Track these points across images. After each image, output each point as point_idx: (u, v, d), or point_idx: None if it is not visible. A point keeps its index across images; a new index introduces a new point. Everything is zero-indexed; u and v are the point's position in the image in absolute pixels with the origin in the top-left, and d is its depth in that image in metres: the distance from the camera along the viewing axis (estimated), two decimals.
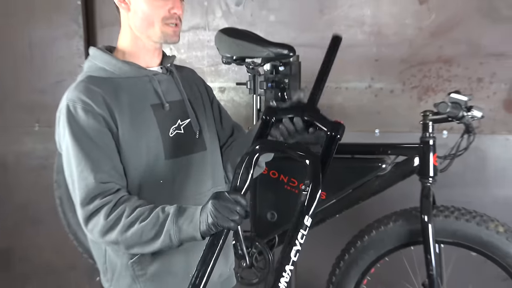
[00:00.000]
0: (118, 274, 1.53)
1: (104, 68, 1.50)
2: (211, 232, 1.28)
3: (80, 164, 1.37)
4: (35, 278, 3.30)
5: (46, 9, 3.06)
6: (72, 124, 1.39)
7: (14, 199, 3.24)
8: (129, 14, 1.50)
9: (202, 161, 1.60)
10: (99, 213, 1.36)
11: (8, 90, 3.18)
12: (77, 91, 1.42)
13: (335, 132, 1.49)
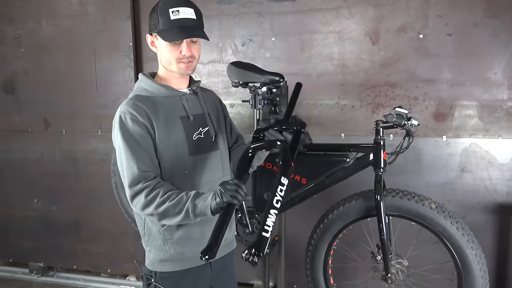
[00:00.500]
0: (153, 238, 1.54)
1: (147, 89, 1.53)
2: (219, 207, 1.31)
3: (127, 157, 1.40)
4: (97, 241, 3.27)
5: (108, 48, 3.03)
6: (123, 129, 1.42)
7: (82, 184, 3.20)
8: (159, 54, 1.53)
9: (215, 158, 1.60)
10: (142, 193, 1.39)
11: (79, 105, 3.14)
12: (127, 106, 1.45)
13: (300, 126, 1.63)
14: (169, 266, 1.54)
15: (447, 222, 1.91)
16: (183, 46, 1.46)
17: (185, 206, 1.35)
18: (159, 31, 1.45)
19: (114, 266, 3.28)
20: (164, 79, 1.56)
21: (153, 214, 1.39)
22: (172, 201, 1.37)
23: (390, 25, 2.53)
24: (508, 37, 2.36)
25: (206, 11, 2.82)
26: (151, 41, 1.53)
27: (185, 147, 1.51)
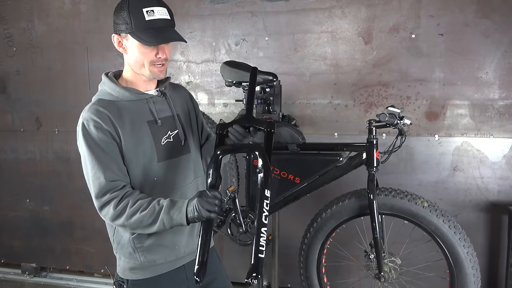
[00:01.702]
0: (122, 245, 1.48)
1: (110, 93, 1.42)
2: (197, 221, 1.28)
3: (94, 167, 1.33)
4: (90, 240, 3.24)
5: (101, 48, 3.01)
6: (87, 137, 1.35)
7: (75, 184, 3.17)
8: (127, 56, 1.41)
9: (187, 161, 1.53)
10: (110, 204, 1.33)
11: (72, 105, 3.11)
12: (90, 112, 1.36)
13: (270, 128, 1.50)
14: (139, 274, 1.48)
15: (439, 221, 1.91)
16: (159, 49, 1.37)
17: (159, 217, 1.30)
18: (133, 33, 1.32)
19: (107, 266, 3.25)
20: (130, 82, 1.45)
21: (125, 225, 1.34)
22: (144, 211, 1.31)
23: (383, 25, 2.53)
24: (499, 37, 2.38)
25: (200, 11, 2.81)
26: (118, 42, 1.39)
27: (154, 153, 1.43)
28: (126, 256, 1.48)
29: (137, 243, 1.45)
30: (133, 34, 1.32)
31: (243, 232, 2.18)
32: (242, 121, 1.52)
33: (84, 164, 1.37)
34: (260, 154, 1.35)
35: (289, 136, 2.07)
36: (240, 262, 2.95)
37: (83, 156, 1.37)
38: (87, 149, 1.34)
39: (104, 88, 1.44)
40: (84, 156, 1.37)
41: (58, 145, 3.19)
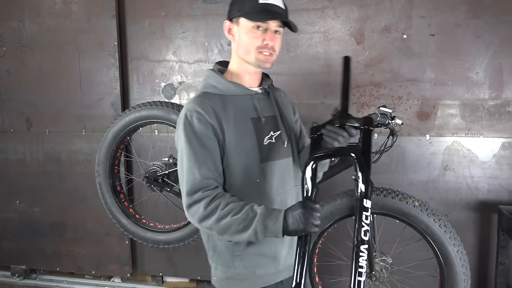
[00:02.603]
0: (218, 253, 1.43)
1: (215, 86, 1.40)
2: (296, 235, 1.20)
3: (190, 161, 1.29)
4: (81, 242, 3.23)
5: (92, 48, 3.01)
6: (188, 129, 1.31)
7: (66, 184, 3.16)
8: (235, 44, 1.41)
9: (287, 166, 1.47)
10: (200, 203, 1.27)
11: (63, 105, 3.10)
12: (194, 104, 1.34)
13: (367, 125, 1.37)
14: (238, 285, 1.41)
15: (430, 220, 1.93)
16: (267, 35, 1.34)
17: (252, 225, 1.22)
18: (244, 14, 1.32)
19: (98, 268, 3.24)
20: (236, 75, 1.43)
21: (212, 227, 1.27)
22: (235, 215, 1.24)
23: (375, 26, 2.56)
24: (489, 38, 2.41)
25: (192, 11, 2.82)
26: (228, 28, 1.41)
27: (256, 152, 1.36)
28: (223, 264, 1.42)
29: (236, 250, 1.38)
30: (245, 15, 1.33)
31: None
32: (335, 120, 1.41)
33: (180, 157, 1.33)
34: (357, 158, 1.23)
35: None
36: None
37: (180, 148, 1.33)
38: (186, 141, 1.30)
39: (209, 82, 1.42)
40: (181, 148, 1.32)
41: (48, 145, 3.17)
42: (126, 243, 3.11)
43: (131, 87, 3.02)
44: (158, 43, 2.91)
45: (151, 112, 2.27)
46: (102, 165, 2.41)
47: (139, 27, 2.93)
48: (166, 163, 2.31)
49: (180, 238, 2.35)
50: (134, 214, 2.50)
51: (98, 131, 3.00)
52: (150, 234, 2.41)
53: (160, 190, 2.28)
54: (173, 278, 3.19)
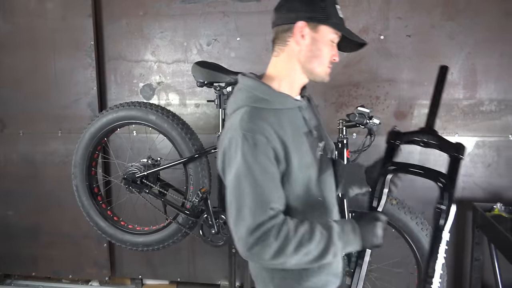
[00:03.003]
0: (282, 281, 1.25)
1: (266, 99, 1.18)
2: (372, 249, 1.16)
3: (253, 190, 1.09)
4: (57, 245, 3.16)
5: (68, 47, 2.94)
6: (247, 153, 1.09)
7: (41, 187, 3.09)
8: (300, 48, 1.21)
9: (331, 176, 1.35)
10: (268, 236, 1.07)
11: (38, 105, 3.03)
12: (251, 124, 1.12)
13: (458, 153, 1.26)
14: None
15: (407, 218, 1.97)
16: (336, 50, 1.25)
17: (331, 245, 1.09)
18: (331, 23, 1.19)
19: (76, 272, 3.18)
20: (285, 84, 1.24)
21: (286, 262, 1.09)
22: (310, 240, 1.08)
23: (353, 26, 2.58)
24: (463, 39, 2.47)
25: (170, 10, 2.79)
26: (301, 29, 1.19)
27: (314, 169, 1.22)
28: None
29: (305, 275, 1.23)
30: (332, 24, 1.20)
31: (215, 233, 2.18)
32: (421, 134, 1.32)
33: (235, 184, 1.11)
34: (447, 188, 1.15)
35: None
36: (212, 263, 2.94)
37: (236, 174, 1.11)
38: (246, 167, 1.09)
39: (255, 94, 1.19)
40: (238, 175, 1.10)
41: (23, 147, 3.09)
42: (104, 246, 3.06)
43: (108, 87, 2.97)
44: (136, 43, 2.88)
45: (129, 113, 2.25)
46: (79, 167, 2.37)
47: (116, 27, 2.89)
48: (145, 164, 2.29)
49: (160, 240, 2.33)
50: (112, 216, 2.47)
51: (74, 132, 2.95)
52: (128, 236, 2.39)
53: (139, 192, 2.26)
54: (153, 280, 3.15)
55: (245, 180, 1.09)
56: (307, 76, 1.27)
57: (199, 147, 2.23)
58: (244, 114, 1.15)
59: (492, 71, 2.48)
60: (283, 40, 1.24)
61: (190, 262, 3.01)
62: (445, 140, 1.28)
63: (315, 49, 1.21)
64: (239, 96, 1.23)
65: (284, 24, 1.22)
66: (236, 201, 1.11)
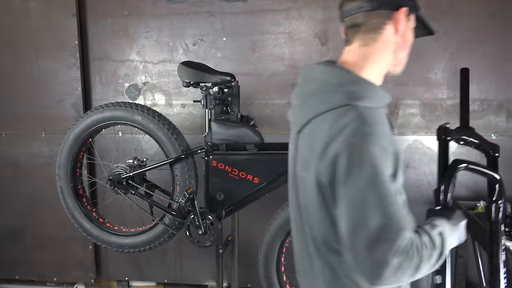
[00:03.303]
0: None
1: (369, 97, 1.02)
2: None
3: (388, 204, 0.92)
4: (41, 248, 3.11)
5: (52, 47, 2.90)
6: (378, 163, 0.92)
7: (25, 189, 3.04)
8: (397, 36, 1.09)
9: None
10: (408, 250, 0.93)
11: (22, 106, 2.98)
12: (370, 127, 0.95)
13: (494, 151, 1.37)
14: None
15: None
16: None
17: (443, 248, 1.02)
18: (419, 13, 1.11)
19: (60, 274, 3.14)
20: (378, 77, 1.12)
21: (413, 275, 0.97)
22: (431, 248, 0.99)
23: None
24: (446, 40, 2.51)
25: (156, 10, 2.78)
26: (400, 19, 1.07)
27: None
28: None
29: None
30: (421, 15, 1.12)
31: (202, 234, 2.17)
32: (463, 132, 1.39)
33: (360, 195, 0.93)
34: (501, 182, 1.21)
35: (247, 137, 2.08)
36: (199, 264, 2.93)
37: (366, 184, 0.92)
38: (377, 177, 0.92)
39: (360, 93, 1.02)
40: (367, 185, 0.92)
41: (5, 149, 3.04)
42: (89, 248, 3.03)
43: (93, 87, 2.94)
44: (121, 43, 2.85)
45: (114, 113, 2.22)
46: (63, 168, 2.34)
47: (100, 26, 2.86)
48: (131, 165, 2.27)
49: (146, 241, 2.31)
50: (98, 218, 2.44)
51: (58, 133, 2.91)
52: (114, 238, 2.36)
53: (125, 193, 2.23)
54: (140, 282, 3.13)
55: (377, 189, 0.92)
56: (389, 67, 1.14)
57: (185, 147, 2.22)
58: (356, 118, 0.96)
59: (474, 71, 2.51)
60: (376, 27, 1.07)
61: (177, 263, 2.99)
62: (483, 139, 1.34)
63: (407, 39, 1.12)
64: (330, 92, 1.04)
65: (383, 9, 1.06)
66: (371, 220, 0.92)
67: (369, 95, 1.02)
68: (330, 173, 0.98)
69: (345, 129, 0.96)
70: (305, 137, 1.10)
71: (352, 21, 1.11)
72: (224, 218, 2.22)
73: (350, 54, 1.13)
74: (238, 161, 2.13)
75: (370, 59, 1.10)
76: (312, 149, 1.03)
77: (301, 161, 1.11)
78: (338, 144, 0.96)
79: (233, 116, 2.29)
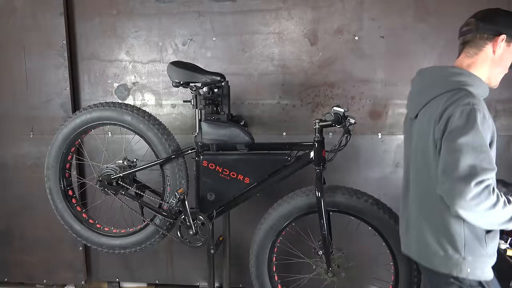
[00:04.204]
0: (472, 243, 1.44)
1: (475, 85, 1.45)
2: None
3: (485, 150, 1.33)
4: (31, 250, 3.07)
5: (39, 47, 2.86)
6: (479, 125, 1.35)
7: (12, 191, 2.99)
8: (494, 55, 1.49)
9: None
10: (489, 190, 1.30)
11: (9, 106, 2.93)
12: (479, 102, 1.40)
13: None
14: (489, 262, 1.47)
15: (385, 216, 2.00)
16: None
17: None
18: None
19: (50, 276, 3.10)
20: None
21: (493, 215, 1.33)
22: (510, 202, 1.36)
23: (328, 27, 2.61)
24: (434, 40, 2.53)
25: (145, 9, 2.75)
26: (500, 41, 1.47)
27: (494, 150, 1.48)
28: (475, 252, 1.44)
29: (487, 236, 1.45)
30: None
31: (193, 234, 2.16)
32: None
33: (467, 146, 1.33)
34: None
35: (237, 137, 2.08)
36: (191, 264, 2.92)
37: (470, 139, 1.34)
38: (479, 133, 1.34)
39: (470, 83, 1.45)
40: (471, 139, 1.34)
41: None
42: (79, 250, 3.00)
43: (82, 87, 2.91)
44: (110, 42, 2.82)
45: (103, 114, 2.20)
46: (52, 169, 2.32)
47: (89, 26, 2.82)
48: (121, 166, 2.25)
49: (137, 242, 2.30)
50: (88, 219, 2.42)
51: (47, 133, 2.87)
52: (105, 239, 2.34)
53: (115, 194, 2.22)
54: (131, 283, 3.10)
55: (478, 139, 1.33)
56: (485, 78, 1.51)
57: (175, 147, 2.21)
58: (467, 95, 1.40)
59: None
60: (478, 45, 1.51)
61: (168, 264, 2.98)
62: None
63: (504, 59, 1.50)
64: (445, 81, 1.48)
65: (486, 33, 1.49)
66: (466, 155, 1.32)
67: (475, 84, 1.45)
68: (443, 130, 1.40)
69: (458, 101, 1.39)
70: (422, 117, 1.53)
71: (463, 39, 1.55)
72: (215, 218, 2.21)
73: (457, 62, 1.57)
74: (228, 161, 2.12)
75: (470, 68, 1.52)
76: (430, 120, 1.46)
77: (417, 135, 1.56)
78: (452, 109, 1.38)
79: (223, 116, 2.28)
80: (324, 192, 2.01)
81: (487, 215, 1.32)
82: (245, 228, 2.53)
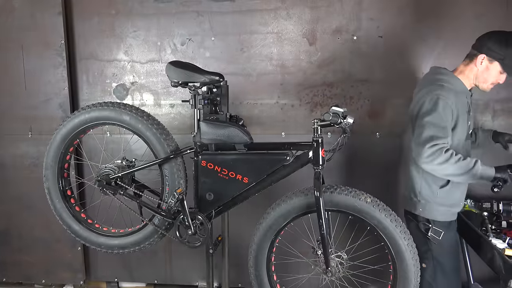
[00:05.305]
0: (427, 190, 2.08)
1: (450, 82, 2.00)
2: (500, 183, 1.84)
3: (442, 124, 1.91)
4: (29, 250, 3.07)
5: (37, 46, 2.85)
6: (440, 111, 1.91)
7: (10, 190, 2.99)
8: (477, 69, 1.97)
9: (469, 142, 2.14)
10: (442, 150, 1.85)
11: (7, 106, 2.93)
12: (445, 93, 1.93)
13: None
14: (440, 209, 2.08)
15: (382, 215, 1.99)
16: (503, 78, 1.95)
17: (473, 168, 1.83)
18: (505, 65, 1.90)
19: (49, 276, 3.09)
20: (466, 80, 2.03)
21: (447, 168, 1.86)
22: (463, 160, 1.84)
23: (326, 27, 2.61)
24: (434, 41, 2.52)
25: (144, 9, 2.74)
26: (481, 60, 1.94)
27: (465, 133, 2.04)
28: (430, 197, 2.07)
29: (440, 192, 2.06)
30: (504, 65, 1.91)
31: (191, 234, 2.15)
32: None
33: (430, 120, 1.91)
34: None
35: (236, 136, 2.07)
36: (189, 264, 2.92)
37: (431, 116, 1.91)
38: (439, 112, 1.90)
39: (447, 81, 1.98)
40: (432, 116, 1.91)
41: None
42: (78, 250, 2.99)
43: (80, 87, 2.90)
44: (108, 42, 2.81)
45: (102, 113, 2.19)
46: (51, 169, 2.30)
47: (87, 25, 2.81)
48: (119, 166, 2.24)
49: (136, 242, 2.29)
50: (86, 219, 2.40)
51: (45, 133, 2.86)
52: (103, 239, 2.33)
53: (113, 194, 2.20)
54: (129, 283, 3.10)
55: (437, 118, 1.89)
56: (469, 85, 2.03)
57: (174, 147, 2.20)
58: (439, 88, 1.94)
59: None
60: (470, 58, 2.01)
61: (167, 264, 2.97)
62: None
63: (485, 75, 1.97)
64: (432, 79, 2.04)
65: (475, 50, 1.98)
66: (428, 128, 1.89)
67: (450, 82, 1.98)
68: (417, 112, 1.99)
69: (430, 92, 1.95)
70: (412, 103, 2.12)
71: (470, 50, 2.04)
72: (214, 218, 2.21)
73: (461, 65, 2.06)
74: (227, 161, 2.11)
75: (461, 73, 2.04)
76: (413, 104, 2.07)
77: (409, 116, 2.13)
78: (425, 96, 1.96)
79: (222, 116, 2.27)
80: (322, 192, 2.01)
81: (441, 168, 1.88)
82: (244, 228, 2.52)
